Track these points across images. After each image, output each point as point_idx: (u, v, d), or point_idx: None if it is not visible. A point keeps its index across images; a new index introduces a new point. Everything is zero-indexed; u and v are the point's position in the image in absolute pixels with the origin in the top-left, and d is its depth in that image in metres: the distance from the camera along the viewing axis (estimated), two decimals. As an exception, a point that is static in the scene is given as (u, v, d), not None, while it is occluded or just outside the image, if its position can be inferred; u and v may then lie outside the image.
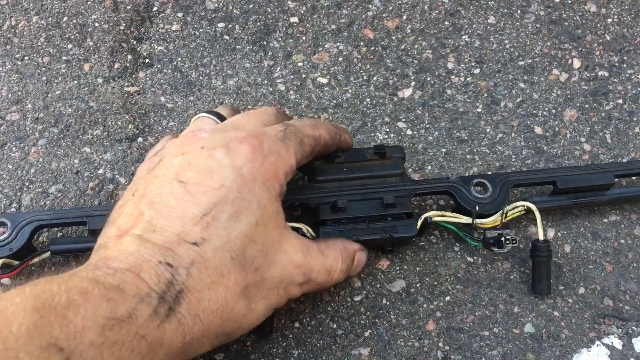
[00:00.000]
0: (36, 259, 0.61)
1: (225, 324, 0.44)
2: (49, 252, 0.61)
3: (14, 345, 0.31)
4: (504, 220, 0.65)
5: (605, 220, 0.70)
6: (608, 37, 0.84)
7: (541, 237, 0.63)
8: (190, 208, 0.43)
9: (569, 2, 0.87)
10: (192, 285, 0.41)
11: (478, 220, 0.64)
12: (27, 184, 0.69)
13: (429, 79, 0.80)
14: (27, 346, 0.32)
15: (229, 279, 0.43)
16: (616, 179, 0.68)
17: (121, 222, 0.45)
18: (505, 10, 0.86)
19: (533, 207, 0.64)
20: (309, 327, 0.63)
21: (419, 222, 0.63)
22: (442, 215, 0.64)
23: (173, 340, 0.40)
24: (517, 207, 0.65)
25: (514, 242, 0.62)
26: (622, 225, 0.70)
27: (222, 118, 0.59)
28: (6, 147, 0.72)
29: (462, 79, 0.80)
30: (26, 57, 0.79)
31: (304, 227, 0.61)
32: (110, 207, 0.62)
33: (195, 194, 0.44)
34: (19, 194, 0.69)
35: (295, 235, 0.51)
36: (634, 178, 0.73)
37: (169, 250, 0.42)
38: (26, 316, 0.32)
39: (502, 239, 0.62)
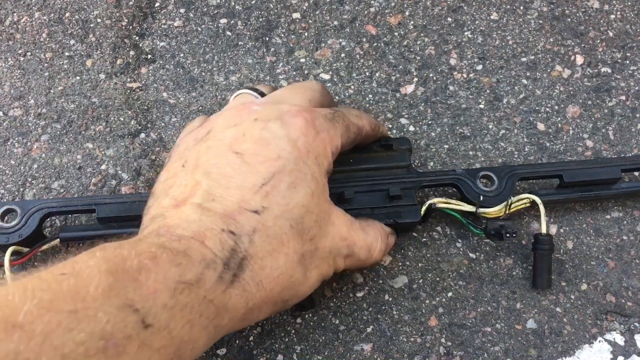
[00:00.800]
0: (45, 246, 0.61)
1: (284, 292, 0.45)
2: (59, 239, 0.61)
3: (92, 305, 0.32)
4: (508, 212, 0.65)
5: (608, 216, 0.70)
6: (611, 34, 0.84)
7: (544, 230, 0.63)
8: (249, 177, 0.44)
9: (572, -2, 0.87)
10: (254, 253, 0.42)
11: (482, 210, 0.64)
12: (29, 179, 0.69)
13: (431, 75, 0.80)
14: (104, 306, 0.33)
15: (289, 247, 0.44)
16: (623, 174, 0.68)
17: (176, 193, 0.45)
18: (508, 7, 0.86)
19: (537, 199, 0.64)
20: (312, 323, 0.63)
21: (423, 208, 0.63)
22: (447, 202, 0.65)
23: (237, 305, 0.41)
24: (522, 199, 0.65)
25: (514, 235, 0.62)
26: (625, 222, 0.70)
27: (262, 94, 0.59)
28: (9, 143, 0.72)
29: (465, 75, 0.80)
30: (28, 53, 0.79)
31: None
32: (118, 196, 0.63)
33: (253, 164, 0.45)
34: (21, 189, 0.69)
35: (341, 210, 0.53)
36: (637, 174, 0.73)
37: (231, 218, 0.42)
38: (102, 278, 0.33)
39: (503, 231, 0.62)
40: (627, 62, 0.82)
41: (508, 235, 0.62)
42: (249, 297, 0.42)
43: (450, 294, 0.65)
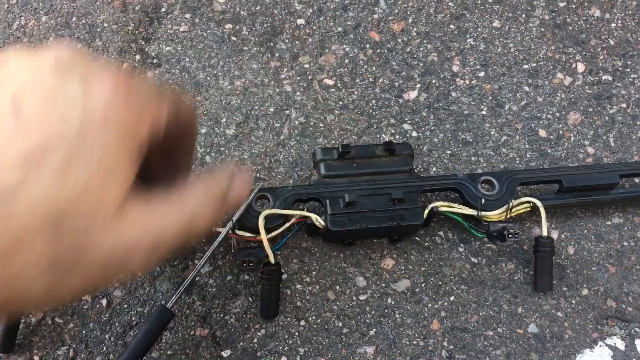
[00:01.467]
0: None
1: (11, 299, 0.34)
2: None
3: None
4: (509, 215, 0.65)
5: (609, 222, 0.71)
6: (612, 42, 0.85)
7: (544, 234, 0.64)
8: (16, 141, 0.32)
9: (574, 6, 0.88)
10: None
11: (483, 213, 0.65)
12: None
13: (434, 81, 0.80)
14: None
15: (32, 249, 0.33)
16: (621, 180, 0.69)
17: None
18: (510, 14, 0.87)
19: (538, 202, 0.65)
20: (315, 325, 0.63)
21: (426, 212, 0.64)
22: (449, 206, 0.66)
23: None
24: (522, 202, 0.66)
25: (516, 236, 0.63)
26: (625, 228, 0.71)
27: None
28: (16, 145, 0.72)
29: (467, 81, 0.81)
30: (36, 57, 0.80)
31: (313, 216, 0.63)
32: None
33: (28, 125, 0.33)
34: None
35: (144, 198, 0.38)
36: (637, 180, 0.73)
37: None
38: None
39: (505, 232, 0.63)
40: (628, 70, 0.83)
41: (510, 236, 0.63)
42: None
43: (452, 297, 0.66)
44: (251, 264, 0.61)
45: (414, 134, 0.76)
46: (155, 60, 0.80)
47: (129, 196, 0.37)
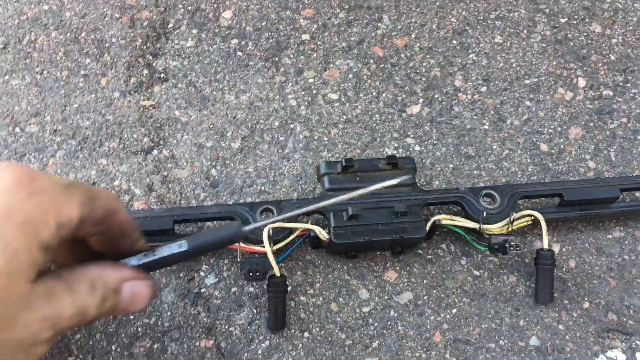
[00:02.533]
0: (55, 267, 0.63)
1: None
2: None
3: None
4: (510, 229, 0.66)
5: (610, 236, 0.72)
6: (613, 57, 0.86)
7: (546, 246, 0.65)
8: None
9: (575, 22, 0.89)
10: None
11: (485, 226, 0.66)
12: (45, 194, 0.71)
13: (436, 96, 0.82)
14: None
15: None
16: (621, 194, 0.70)
17: None
18: (512, 30, 0.88)
19: (539, 215, 0.66)
20: (319, 337, 0.64)
21: (428, 225, 0.65)
22: (451, 219, 0.66)
23: None
24: (524, 215, 0.67)
25: (517, 248, 0.63)
26: (626, 242, 0.71)
27: None
28: (25, 158, 0.74)
29: (469, 96, 0.82)
30: (45, 71, 0.81)
31: (317, 229, 0.64)
32: (131, 212, 0.64)
33: None
34: (37, 203, 0.70)
35: (43, 282, 0.39)
36: (638, 194, 0.74)
37: None
38: None
39: (507, 244, 0.63)
40: (629, 85, 0.84)
41: (512, 248, 0.64)
42: None
43: (454, 310, 0.66)
44: (257, 274, 0.61)
45: (417, 147, 0.77)
46: (162, 75, 0.82)
47: (34, 282, 0.38)
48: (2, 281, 0.35)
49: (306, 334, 0.64)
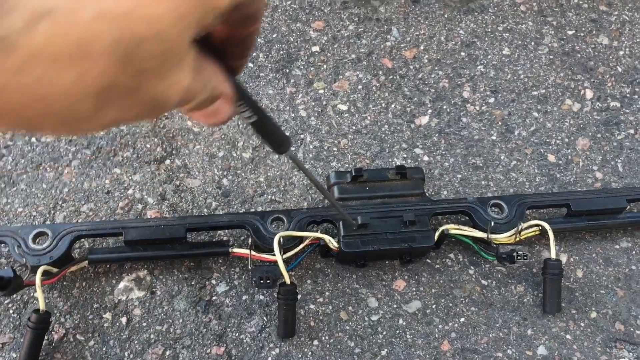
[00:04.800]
0: (74, 267, 0.64)
1: (47, 116, 0.30)
2: (87, 261, 0.65)
3: None
4: (518, 238, 0.67)
5: (617, 246, 0.72)
6: (620, 69, 0.87)
7: (553, 256, 0.66)
8: None
9: (582, 34, 0.90)
10: (24, 44, 0.27)
11: (493, 236, 0.67)
12: (60, 202, 0.73)
13: (445, 107, 0.83)
14: None
15: (94, 67, 0.29)
16: (628, 204, 0.70)
17: None
18: (520, 42, 0.89)
19: (547, 225, 0.66)
20: (328, 345, 0.65)
21: (437, 234, 0.66)
22: (459, 229, 0.67)
23: None
24: (531, 225, 0.67)
25: (525, 257, 0.64)
26: (634, 252, 0.72)
27: None
28: (41, 168, 0.75)
29: (478, 107, 0.83)
30: (61, 82, 0.83)
31: (327, 238, 0.65)
32: (144, 220, 0.65)
33: None
34: (52, 212, 0.72)
35: (193, 49, 0.36)
36: (645, 206, 0.75)
37: None
38: None
39: (514, 254, 0.64)
40: (636, 96, 0.84)
41: (519, 258, 0.64)
42: None
43: (462, 319, 0.67)
44: (268, 282, 0.62)
45: (426, 158, 0.78)
46: (175, 86, 0.83)
47: (187, 50, 0.35)
48: (174, 27, 0.31)
49: (316, 342, 0.65)
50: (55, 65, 0.27)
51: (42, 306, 0.61)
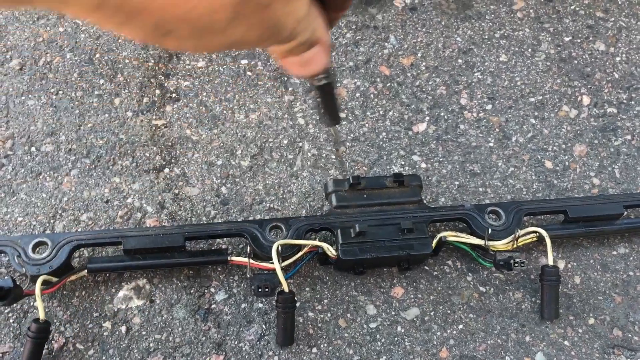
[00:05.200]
0: (74, 277, 0.65)
1: (181, 21, 0.32)
2: (86, 270, 0.65)
3: None
4: (516, 245, 0.67)
5: (615, 252, 0.72)
6: (617, 75, 0.87)
7: (550, 263, 0.66)
8: None
9: (579, 41, 0.91)
10: None
11: (490, 243, 0.67)
12: (59, 211, 0.73)
13: (442, 114, 0.83)
14: None
15: None
16: (625, 210, 0.71)
17: None
18: (517, 49, 0.90)
19: (544, 232, 0.67)
20: (327, 353, 0.65)
21: (434, 241, 0.66)
22: (457, 236, 0.68)
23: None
24: (529, 232, 0.68)
25: (522, 265, 0.64)
26: (631, 258, 0.72)
27: None
28: (41, 177, 0.76)
29: (475, 114, 0.83)
30: (60, 92, 0.83)
31: (325, 246, 0.65)
32: (143, 229, 0.66)
33: None
34: (52, 221, 0.72)
35: None
36: (643, 212, 0.75)
37: None
38: None
39: (512, 261, 0.64)
40: (633, 102, 0.85)
41: (516, 265, 0.65)
42: None
43: (461, 326, 0.67)
44: (266, 290, 0.63)
45: (423, 165, 0.78)
46: (174, 95, 0.84)
47: None
48: None
49: (314, 350, 0.65)
50: None
51: (41, 315, 0.61)
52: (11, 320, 0.65)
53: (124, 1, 0.29)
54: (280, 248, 0.64)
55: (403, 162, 0.79)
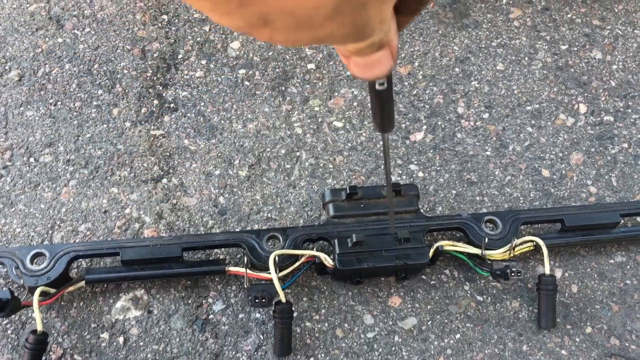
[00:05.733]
0: (72, 288, 0.65)
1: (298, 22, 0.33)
2: (84, 281, 0.65)
3: None
4: (513, 254, 0.67)
5: (612, 261, 0.72)
6: (613, 83, 0.88)
7: (547, 272, 0.66)
8: None
9: (575, 49, 0.91)
10: None
11: (487, 252, 0.67)
12: (58, 222, 0.73)
13: (439, 123, 0.83)
14: None
15: None
16: (622, 219, 0.71)
17: None
18: (513, 57, 0.90)
19: (540, 241, 0.67)
20: (324, 363, 0.65)
21: (432, 251, 0.66)
22: (454, 245, 0.68)
23: None
24: (525, 241, 0.68)
25: (519, 274, 0.65)
26: (628, 266, 0.72)
27: None
28: (39, 188, 0.76)
29: (472, 123, 0.83)
30: (59, 102, 0.84)
31: (322, 256, 0.65)
32: (141, 240, 0.66)
33: None
34: (50, 232, 0.73)
35: None
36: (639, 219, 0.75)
37: None
38: None
39: (508, 270, 0.65)
40: (629, 110, 0.85)
41: (513, 274, 0.65)
42: None
43: (458, 335, 0.67)
44: (263, 300, 0.63)
45: (420, 174, 0.79)
46: (172, 105, 0.84)
47: None
48: None
49: (312, 360, 0.65)
50: None
51: (39, 327, 0.61)
52: (9, 332, 0.66)
53: None
54: (277, 258, 0.64)
55: (400, 171, 0.79)
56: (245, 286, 0.64)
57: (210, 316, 0.68)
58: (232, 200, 0.76)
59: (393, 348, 0.66)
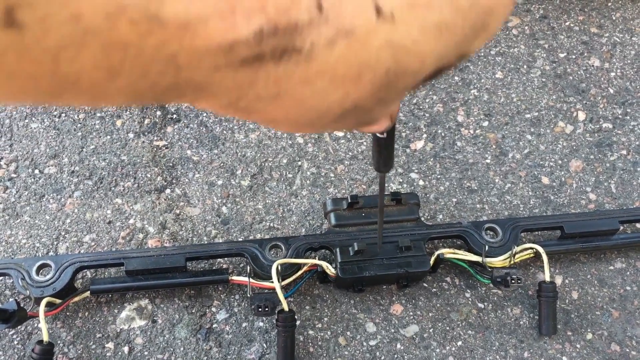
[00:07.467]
0: (77, 298, 0.66)
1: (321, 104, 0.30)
2: (89, 292, 0.66)
3: None
4: (513, 262, 0.68)
5: (612, 267, 0.73)
6: (612, 90, 0.88)
7: (547, 279, 0.67)
8: None
9: (574, 57, 0.92)
10: (321, 58, 0.26)
11: (488, 260, 0.68)
12: (63, 233, 0.74)
13: (439, 131, 0.84)
14: None
15: (356, 91, 0.29)
16: (621, 225, 0.71)
17: None
18: (512, 66, 0.91)
19: (540, 249, 0.67)
20: (327, 371, 0.66)
21: (432, 259, 0.67)
22: (454, 253, 0.68)
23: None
24: (525, 249, 0.68)
25: (519, 281, 0.65)
26: (628, 273, 0.73)
27: None
28: (44, 199, 0.77)
29: (472, 131, 0.84)
30: (63, 114, 0.85)
31: (324, 264, 0.66)
32: (145, 250, 0.67)
33: None
34: (55, 242, 0.73)
35: None
36: (639, 226, 0.76)
37: None
38: None
39: (509, 278, 0.65)
40: (628, 117, 0.86)
41: (513, 281, 0.65)
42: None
43: (459, 343, 0.68)
44: (266, 309, 0.63)
45: (421, 182, 0.79)
46: (175, 116, 0.85)
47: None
48: (428, 67, 0.29)
49: (315, 368, 0.66)
50: (332, 83, 0.28)
51: (45, 337, 0.62)
52: (15, 342, 0.66)
53: (248, 105, 0.28)
54: (279, 267, 0.65)
55: (401, 180, 0.80)
56: (249, 295, 0.65)
57: (214, 325, 0.68)
58: (235, 209, 0.77)
59: (395, 356, 0.67)
